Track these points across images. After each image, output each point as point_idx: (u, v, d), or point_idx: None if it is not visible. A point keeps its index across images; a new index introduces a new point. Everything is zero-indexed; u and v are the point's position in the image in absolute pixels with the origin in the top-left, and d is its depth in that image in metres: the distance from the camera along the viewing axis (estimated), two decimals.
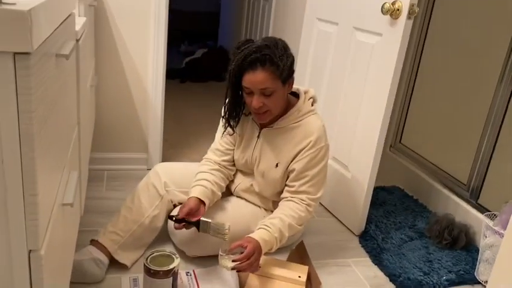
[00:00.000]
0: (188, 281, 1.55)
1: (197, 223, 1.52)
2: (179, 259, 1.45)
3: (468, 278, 1.73)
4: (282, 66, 1.45)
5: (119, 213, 1.62)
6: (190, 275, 1.58)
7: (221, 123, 1.70)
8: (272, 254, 1.64)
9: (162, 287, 1.40)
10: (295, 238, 1.81)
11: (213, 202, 1.63)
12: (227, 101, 1.60)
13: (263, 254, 1.48)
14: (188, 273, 1.60)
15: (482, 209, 1.96)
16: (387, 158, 2.57)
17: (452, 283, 1.70)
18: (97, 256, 1.51)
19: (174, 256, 1.45)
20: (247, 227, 1.61)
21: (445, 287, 1.68)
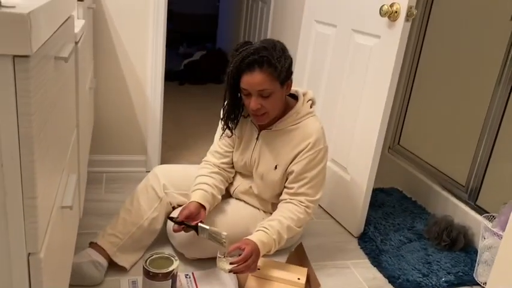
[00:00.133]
0: (187, 284, 1.55)
1: (196, 227, 1.52)
2: (178, 261, 1.45)
3: (467, 280, 1.73)
4: (280, 67, 1.46)
5: (118, 215, 1.62)
6: (189, 277, 1.58)
7: (220, 125, 1.70)
8: (271, 256, 1.64)
9: None
10: (294, 240, 1.81)
11: (214, 206, 1.63)
12: (226, 103, 1.61)
13: (262, 256, 1.49)
14: (187, 275, 1.59)
15: (480, 211, 1.97)
16: (386, 160, 2.58)
17: (451, 284, 1.70)
18: (96, 259, 1.50)
19: (173, 258, 1.45)
20: (246, 229, 1.61)
21: None
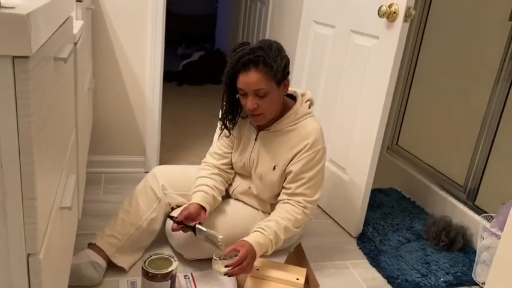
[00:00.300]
0: (186, 284, 1.55)
1: (194, 228, 1.52)
2: (177, 262, 1.45)
3: (465, 280, 1.74)
4: (276, 67, 1.46)
5: (117, 216, 1.62)
6: (188, 278, 1.58)
7: (219, 126, 1.70)
8: (270, 257, 1.64)
9: None
10: (293, 240, 1.81)
11: (214, 207, 1.64)
12: (223, 103, 1.61)
13: (259, 257, 1.49)
14: (186, 276, 1.59)
15: (479, 211, 1.97)
16: (384, 160, 2.58)
17: (449, 285, 1.70)
18: (95, 259, 1.50)
19: (172, 259, 1.45)
20: (245, 230, 1.61)
21: None
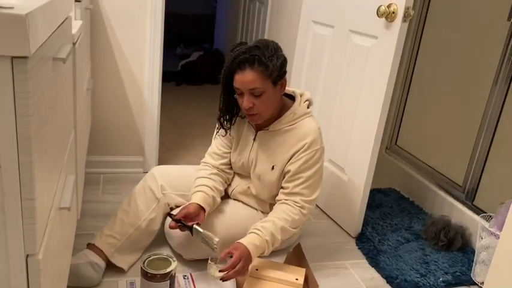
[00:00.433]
0: (185, 284, 1.55)
1: (191, 227, 1.52)
2: (176, 262, 1.45)
3: (464, 279, 1.74)
4: (272, 66, 1.46)
5: (116, 216, 1.62)
6: (187, 278, 1.58)
7: (217, 126, 1.70)
8: (269, 257, 1.64)
9: None
10: (292, 241, 1.81)
11: (213, 208, 1.63)
12: (220, 102, 1.61)
13: (257, 258, 1.48)
14: (185, 276, 1.59)
15: (478, 211, 1.97)
16: (383, 160, 2.58)
17: (448, 284, 1.71)
18: (94, 260, 1.50)
19: (171, 259, 1.45)
20: (244, 230, 1.61)
21: None
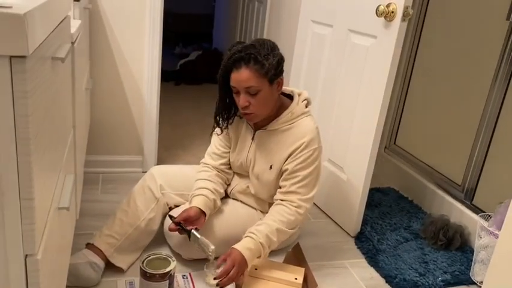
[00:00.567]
0: (184, 284, 1.55)
1: (190, 232, 1.52)
2: (175, 262, 1.45)
3: (463, 279, 1.74)
4: (268, 65, 1.46)
5: (115, 216, 1.61)
6: (186, 278, 1.58)
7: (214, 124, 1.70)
8: (268, 256, 1.64)
9: None
10: (291, 240, 1.81)
11: (214, 211, 1.63)
12: (217, 102, 1.61)
13: (255, 260, 1.49)
14: (184, 276, 1.59)
15: (476, 210, 1.97)
16: (382, 160, 2.58)
17: (447, 284, 1.71)
18: (93, 259, 1.50)
19: (171, 259, 1.45)
20: (243, 229, 1.60)
21: None
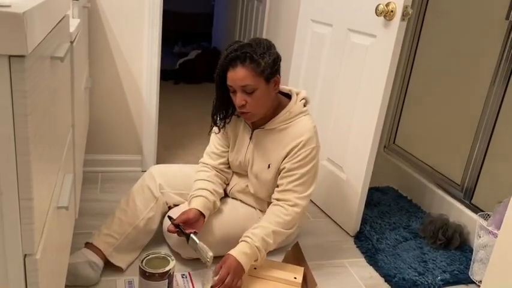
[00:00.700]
0: (184, 283, 1.55)
1: (188, 236, 1.51)
2: (174, 261, 1.45)
3: (462, 278, 1.74)
4: (264, 63, 1.46)
5: (114, 215, 1.61)
6: (185, 277, 1.58)
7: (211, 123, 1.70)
8: (268, 256, 1.64)
9: None
10: (290, 239, 1.81)
11: (213, 212, 1.63)
12: (214, 100, 1.61)
13: (252, 264, 1.49)
14: (184, 275, 1.59)
15: (476, 209, 1.98)
16: (381, 159, 2.58)
17: (446, 283, 1.71)
18: (92, 259, 1.50)
19: (170, 258, 1.45)
20: (242, 229, 1.60)
21: (440, 287, 1.69)
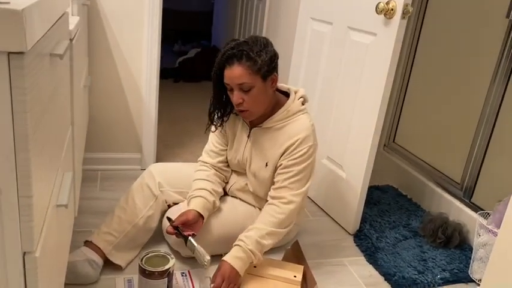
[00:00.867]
0: (183, 282, 1.55)
1: (187, 238, 1.51)
2: (174, 259, 1.45)
3: (462, 277, 1.74)
4: (260, 61, 1.46)
5: (113, 213, 1.61)
6: (185, 276, 1.58)
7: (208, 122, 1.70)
8: (267, 254, 1.64)
9: None
10: (290, 238, 1.81)
11: (212, 212, 1.63)
12: (211, 98, 1.61)
13: (249, 265, 1.49)
14: (183, 273, 1.59)
15: (475, 208, 1.98)
16: (381, 157, 2.58)
17: (446, 281, 1.71)
18: (91, 257, 1.50)
19: (169, 257, 1.45)
20: (242, 227, 1.60)
21: (440, 286, 1.69)
